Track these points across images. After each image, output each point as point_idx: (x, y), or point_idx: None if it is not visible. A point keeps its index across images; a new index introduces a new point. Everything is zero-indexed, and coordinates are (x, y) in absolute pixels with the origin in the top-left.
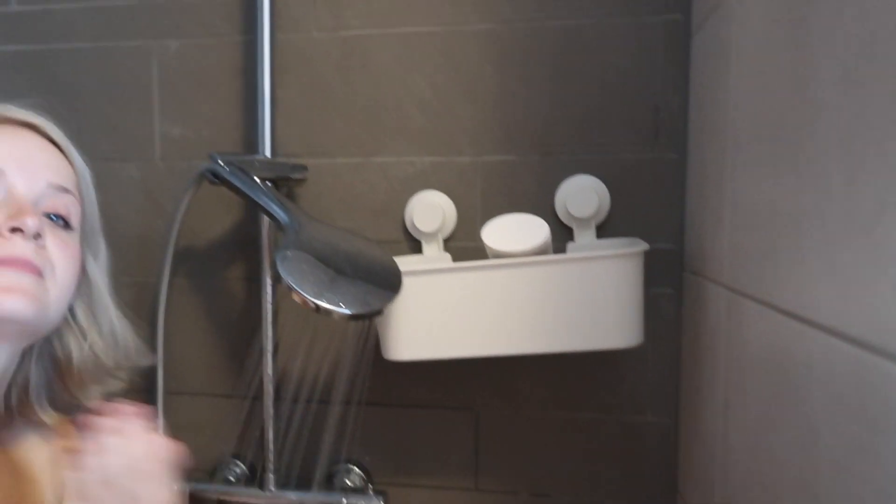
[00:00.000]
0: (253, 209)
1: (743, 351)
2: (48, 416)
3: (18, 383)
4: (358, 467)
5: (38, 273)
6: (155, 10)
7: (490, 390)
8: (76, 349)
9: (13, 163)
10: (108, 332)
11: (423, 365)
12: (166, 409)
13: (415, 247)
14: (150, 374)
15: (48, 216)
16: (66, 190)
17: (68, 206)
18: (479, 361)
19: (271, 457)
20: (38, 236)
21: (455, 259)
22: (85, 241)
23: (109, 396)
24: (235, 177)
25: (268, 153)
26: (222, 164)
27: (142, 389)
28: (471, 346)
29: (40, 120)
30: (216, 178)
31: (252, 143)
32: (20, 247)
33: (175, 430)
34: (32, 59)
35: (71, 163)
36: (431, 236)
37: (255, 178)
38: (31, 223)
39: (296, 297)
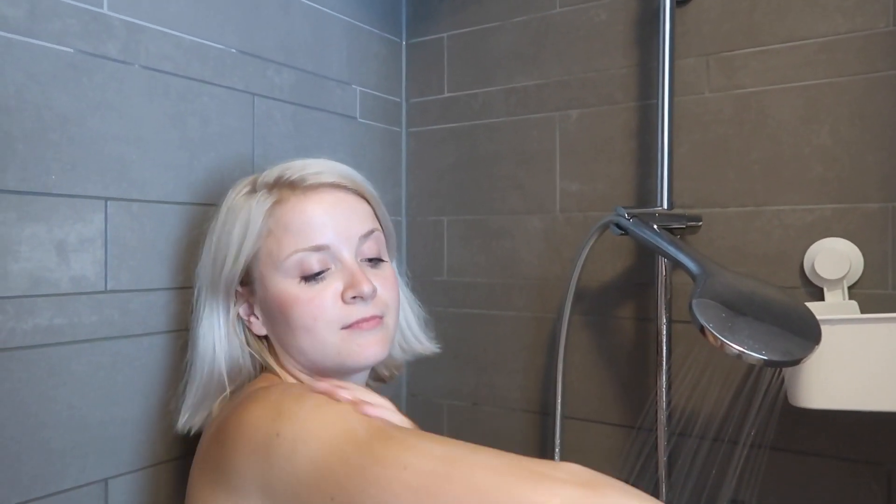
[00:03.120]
0: (647, 256)
1: None
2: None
3: None
4: None
5: (379, 320)
6: (560, 87)
7: None
8: None
9: (332, 233)
10: (405, 324)
11: (827, 413)
12: (561, 430)
13: (813, 293)
14: (548, 398)
15: (367, 260)
16: (371, 231)
17: (377, 243)
18: (892, 415)
19: (664, 487)
20: (373, 293)
21: (862, 308)
22: (390, 248)
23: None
24: (639, 228)
25: (665, 205)
26: (627, 216)
27: (540, 412)
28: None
29: (336, 176)
30: (620, 229)
31: (643, 197)
32: (362, 310)
33: (566, 450)
34: (459, 133)
35: (366, 197)
36: (835, 283)
37: (656, 227)
38: (366, 290)
39: (712, 341)
